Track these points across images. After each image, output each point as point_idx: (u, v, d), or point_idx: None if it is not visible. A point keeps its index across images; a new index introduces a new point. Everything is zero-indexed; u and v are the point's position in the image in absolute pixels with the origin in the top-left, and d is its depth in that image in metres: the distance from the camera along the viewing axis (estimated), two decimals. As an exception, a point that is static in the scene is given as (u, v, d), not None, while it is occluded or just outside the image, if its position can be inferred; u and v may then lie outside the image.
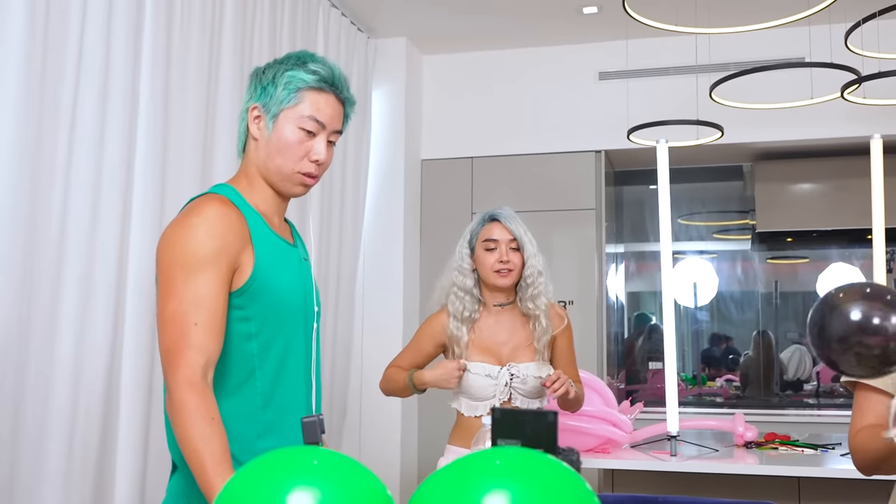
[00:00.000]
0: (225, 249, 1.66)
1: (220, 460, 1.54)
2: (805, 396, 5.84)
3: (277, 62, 1.82)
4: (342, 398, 4.59)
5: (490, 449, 1.11)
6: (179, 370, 1.58)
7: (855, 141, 4.72)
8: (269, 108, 1.78)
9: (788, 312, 6.19)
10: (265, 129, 1.79)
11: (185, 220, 1.69)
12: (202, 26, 3.40)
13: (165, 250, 1.68)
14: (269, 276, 1.73)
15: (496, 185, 5.18)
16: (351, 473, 1.08)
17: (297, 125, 1.78)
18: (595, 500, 1.04)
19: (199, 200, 1.74)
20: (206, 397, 1.57)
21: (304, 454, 1.10)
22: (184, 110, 3.29)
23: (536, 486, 1.01)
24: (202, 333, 1.60)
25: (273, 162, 1.79)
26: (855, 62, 3.64)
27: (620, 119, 4.69)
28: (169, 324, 1.61)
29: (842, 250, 5.89)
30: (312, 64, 1.79)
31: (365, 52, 4.87)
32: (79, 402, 2.73)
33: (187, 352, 1.58)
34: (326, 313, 4.39)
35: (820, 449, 3.37)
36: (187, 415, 1.55)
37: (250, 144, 1.82)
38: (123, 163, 2.93)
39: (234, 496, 1.04)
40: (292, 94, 1.77)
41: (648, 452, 3.30)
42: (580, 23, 4.81)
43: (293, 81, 1.77)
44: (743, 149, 5.19)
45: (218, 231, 1.66)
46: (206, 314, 1.62)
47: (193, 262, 1.63)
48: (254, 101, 1.80)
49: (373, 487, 1.07)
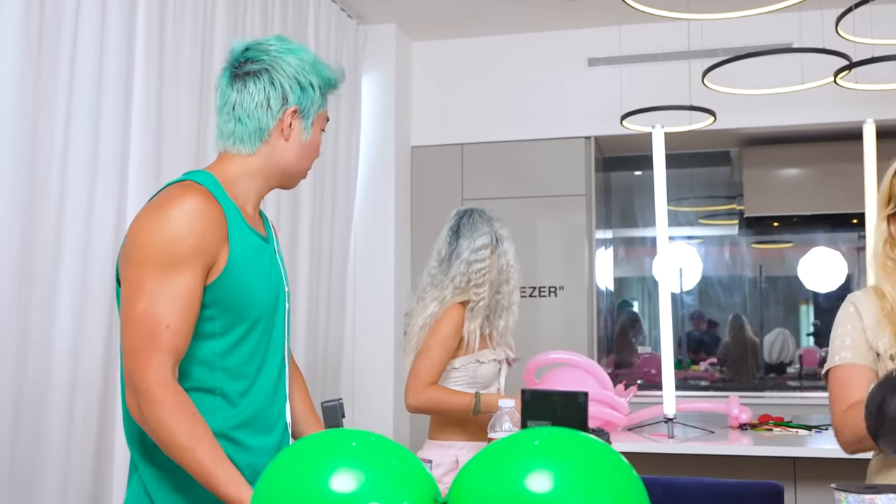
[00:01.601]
0: (203, 248, 1.58)
1: (214, 451, 1.50)
2: (788, 379, 5.91)
3: (293, 57, 1.73)
4: (334, 386, 4.59)
5: (526, 430, 1.12)
6: (149, 373, 1.50)
7: (843, 126, 4.76)
8: (307, 113, 1.74)
9: (774, 296, 6.25)
10: (301, 132, 1.74)
11: (164, 209, 1.58)
12: (195, 13, 3.39)
13: (140, 241, 1.58)
14: (240, 276, 1.66)
15: (486, 172, 5.19)
16: (391, 453, 1.08)
17: (320, 127, 1.78)
18: (634, 475, 1.05)
19: (178, 189, 1.64)
20: (180, 394, 1.52)
21: (343, 437, 1.11)
22: (177, 94, 3.29)
23: (579, 465, 1.02)
24: (173, 336, 1.53)
25: (301, 165, 1.77)
26: (846, 47, 3.67)
27: (611, 105, 4.71)
28: (137, 323, 1.53)
29: (826, 234, 5.95)
30: (332, 66, 1.78)
31: (355, 39, 4.85)
32: (76, 395, 2.73)
33: (157, 355, 1.51)
34: (318, 302, 4.40)
35: (814, 430, 3.41)
36: (167, 414, 1.49)
37: (276, 144, 1.73)
38: (118, 155, 2.93)
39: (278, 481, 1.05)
40: (324, 97, 1.76)
41: (645, 435, 3.33)
42: (570, 9, 4.81)
43: (325, 85, 1.75)
44: (731, 134, 5.22)
45: (199, 227, 1.57)
46: (181, 316, 1.54)
47: (171, 259, 1.54)
48: (293, 102, 1.72)
49: (414, 468, 1.08)
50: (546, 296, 5.08)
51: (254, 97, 1.70)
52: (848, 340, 1.90)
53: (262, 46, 1.73)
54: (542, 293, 5.08)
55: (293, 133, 1.73)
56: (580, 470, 1.02)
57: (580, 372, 3.33)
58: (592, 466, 1.03)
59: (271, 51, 1.72)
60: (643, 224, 6.21)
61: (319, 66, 1.75)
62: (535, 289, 5.07)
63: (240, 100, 1.71)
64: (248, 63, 1.72)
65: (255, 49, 1.73)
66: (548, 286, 5.08)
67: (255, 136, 1.71)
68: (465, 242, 2.75)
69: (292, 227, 4.14)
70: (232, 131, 1.72)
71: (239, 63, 1.73)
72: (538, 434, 1.06)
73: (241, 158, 1.73)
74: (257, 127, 1.71)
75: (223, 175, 1.71)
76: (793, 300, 6.30)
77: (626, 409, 3.37)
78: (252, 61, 1.71)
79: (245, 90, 1.70)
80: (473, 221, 2.79)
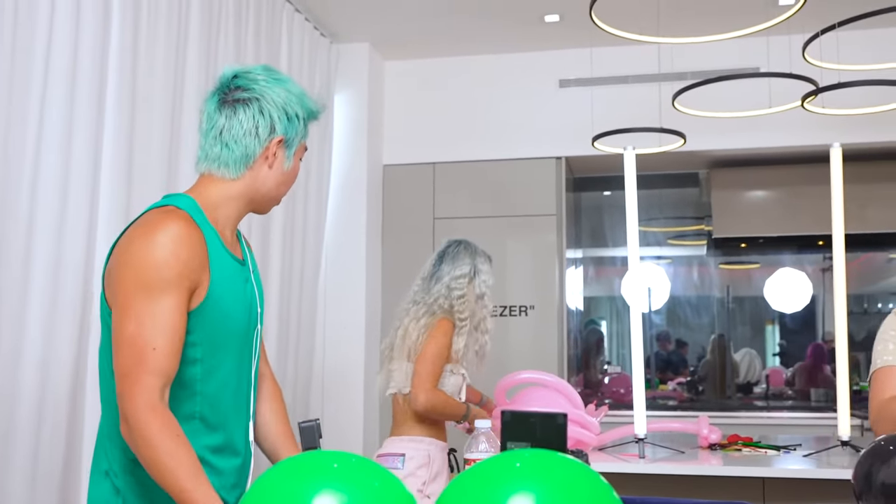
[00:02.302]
0: (187, 273, 1.62)
1: (194, 473, 1.52)
2: (755, 399, 5.96)
3: (281, 88, 1.78)
4: (304, 402, 4.56)
5: (507, 452, 1.12)
6: (137, 396, 1.54)
7: (809, 149, 4.84)
8: (291, 143, 1.80)
9: (741, 317, 6.31)
10: (284, 160, 1.80)
11: (149, 235, 1.62)
12: (168, 31, 3.39)
13: (126, 265, 1.62)
14: (219, 302, 1.70)
15: (458, 191, 5.21)
16: (372, 475, 1.08)
17: (299, 156, 1.84)
18: (614, 496, 1.06)
19: (161, 214, 1.67)
20: (167, 417, 1.55)
21: (324, 459, 1.10)
22: (150, 113, 3.29)
23: (561, 487, 1.02)
24: (161, 357, 1.57)
25: (279, 191, 1.83)
26: (813, 72, 3.74)
27: (582, 126, 4.75)
28: (126, 346, 1.57)
29: (792, 256, 6.03)
30: (315, 99, 1.84)
31: (328, 57, 4.86)
32: (45, 409, 2.70)
33: (145, 377, 1.55)
34: (289, 318, 4.38)
35: (782, 450, 3.44)
36: (151, 437, 1.52)
37: (259, 170, 1.78)
38: (90, 168, 2.92)
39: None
40: (306, 129, 1.82)
41: (616, 455, 3.34)
42: (542, 31, 4.85)
43: (308, 117, 1.82)
44: (701, 156, 5.29)
45: (183, 253, 1.62)
46: (167, 338, 1.58)
47: (157, 283, 1.58)
48: (280, 131, 1.77)
49: (395, 489, 1.08)
50: (516, 315, 5.09)
51: (243, 124, 1.74)
52: (891, 346, 2.01)
53: (252, 75, 1.78)
54: (513, 312, 5.09)
55: (276, 161, 1.78)
56: (562, 491, 1.02)
57: (551, 391, 3.33)
58: (574, 488, 1.04)
59: (260, 80, 1.77)
60: (613, 244, 6.26)
61: (305, 99, 1.81)
62: (505, 308, 5.08)
63: (228, 125, 1.75)
64: (237, 90, 1.76)
65: (244, 77, 1.78)
66: (518, 305, 5.10)
67: (240, 161, 1.76)
68: (446, 268, 3.07)
69: (263, 244, 4.12)
70: (218, 155, 1.76)
71: (228, 90, 1.77)
72: (519, 456, 1.06)
73: (224, 182, 1.77)
74: (244, 153, 1.75)
75: (204, 199, 1.75)
76: (759, 320, 6.37)
77: (598, 428, 3.38)
78: (242, 89, 1.76)
79: (234, 116, 1.75)
80: (458, 252, 3.11)
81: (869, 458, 1.49)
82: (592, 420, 3.36)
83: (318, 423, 1.50)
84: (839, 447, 3.37)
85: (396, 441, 2.99)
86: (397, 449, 2.94)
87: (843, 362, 3.49)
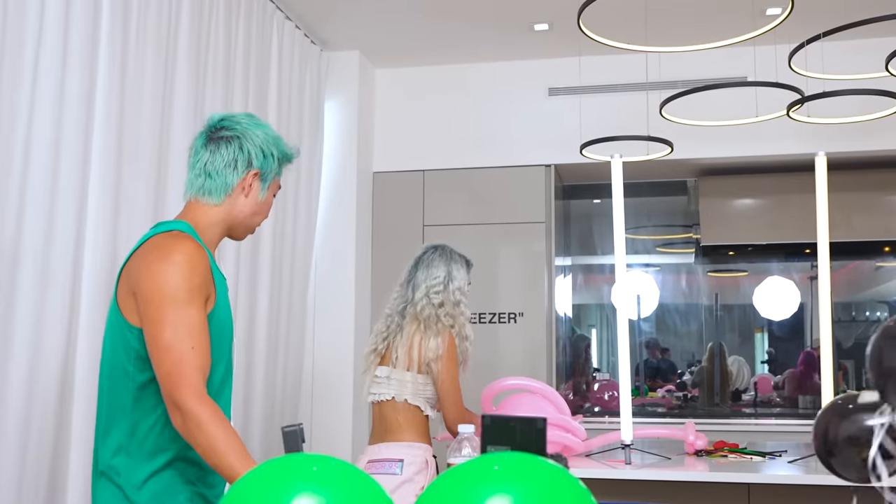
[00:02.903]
0: (203, 284, 1.87)
1: (244, 455, 1.72)
2: (743, 406, 5.98)
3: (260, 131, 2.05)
4: (293, 410, 4.57)
5: (486, 455, 1.13)
6: (186, 389, 1.75)
7: (796, 158, 4.87)
8: (266, 177, 2.05)
9: (729, 324, 6.34)
10: (258, 192, 2.05)
11: (168, 256, 1.86)
12: (157, 38, 3.39)
13: (152, 284, 1.84)
14: (221, 313, 1.95)
15: (447, 198, 5.23)
16: (351, 478, 1.09)
17: (273, 192, 2.10)
18: (591, 500, 1.07)
19: (171, 238, 1.91)
20: (214, 405, 1.77)
21: (304, 462, 1.11)
22: (139, 119, 3.28)
23: (538, 489, 1.03)
24: (199, 355, 1.80)
25: (252, 220, 2.08)
26: (799, 82, 3.77)
27: (571, 134, 4.78)
28: (166, 350, 1.78)
29: (780, 264, 6.06)
30: (291, 145, 2.12)
31: (318, 65, 4.88)
32: (32, 409, 2.70)
33: (190, 372, 1.76)
34: (279, 325, 4.38)
35: (768, 456, 3.46)
36: (205, 424, 1.73)
37: (237, 198, 2.04)
38: (78, 177, 2.92)
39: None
40: (280, 168, 2.09)
41: (603, 461, 3.35)
42: (532, 39, 4.88)
43: (283, 158, 2.08)
44: (688, 164, 5.31)
45: (199, 267, 1.87)
46: (200, 339, 1.81)
47: (182, 294, 1.82)
48: (256, 166, 2.03)
49: (374, 493, 1.09)
50: (505, 322, 5.11)
51: (224, 157, 2.01)
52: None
53: (236, 119, 2.06)
54: (502, 319, 5.11)
55: (252, 191, 2.04)
56: (539, 494, 1.03)
57: (538, 398, 3.35)
58: (551, 491, 1.05)
59: (243, 122, 2.05)
60: (602, 252, 6.28)
61: (280, 143, 2.08)
62: (494, 315, 5.10)
63: (211, 159, 2.02)
64: (222, 130, 2.03)
65: (229, 120, 2.05)
66: (507, 312, 5.11)
67: (221, 189, 2.01)
68: (421, 276, 3.10)
69: (253, 251, 4.13)
70: (202, 185, 2.02)
71: (214, 130, 2.04)
72: (498, 459, 1.08)
73: (208, 208, 2.02)
74: (224, 182, 2.01)
75: (194, 223, 2.00)
76: (748, 328, 6.39)
77: (584, 434, 3.39)
78: (226, 129, 2.03)
79: (217, 151, 2.02)
80: (433, 258, 3.13)
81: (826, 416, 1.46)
82: (578, 426, 3.37)
83: (301, 427, 1.51)
84: (824, 454, 3.39)
85: (393, 447, 3.00)
86: (394, 454, 2.95)
87: (828, 370, 3.51)
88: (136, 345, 1.86)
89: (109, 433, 1.88)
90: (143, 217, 3.23)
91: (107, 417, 1.90)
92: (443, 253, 3.16)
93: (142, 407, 1.87)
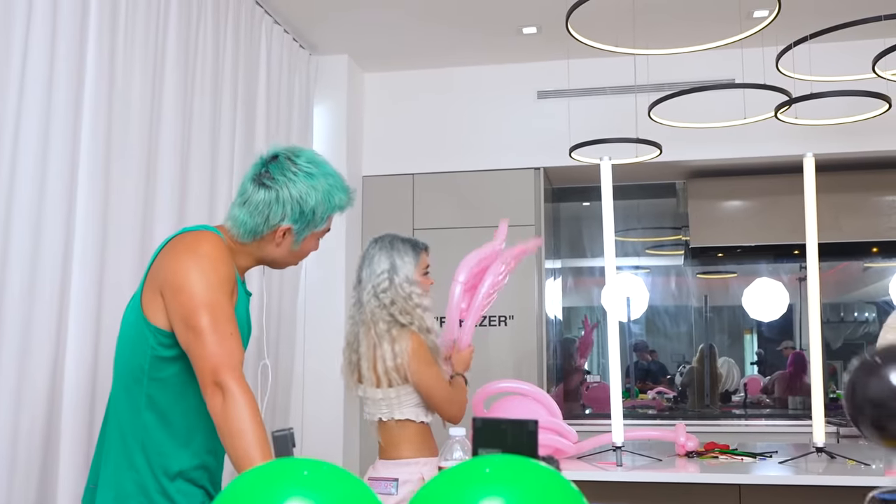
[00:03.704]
0: (229, 277, 1.88)
1: (268, 453, 1.72)
2: (733, 407, 6.00)
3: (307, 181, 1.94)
4: (284, 414, 4.56)
5: (477, 458, 1.13)
6: (231, 370, 1.76)
7: (783, 159, 4.89)
8: (300, 232, 1.98)
9: (719, 325, 6.36)
10: (291, 243, 2.00)
11: (196, 248, 1.88)
12: (145, 43, 3.38)
13: (182, 273, 1.84)
14: (239, 315, 1.92)
15: (437, 202, 5.22)
16: (342, 483, 1.09)
17: (318, 237, 2.04)
18: (584, 502, 1.07)
19: (199, 234, 1.94)
20: (252, 393, 1.79)
21: (294, 465, 1.11)
22: (127, 129, 3.26)
23: (530, 492, 1.03)
24: (237, 340, 1.82)
25: (286, 261, 2.05)
26: (787, 83, 3.79)
27: (560, 137, 4.79)
28: (208, 333, 1.78)
29: (769, 265, 6.08)
30: (345, 194, 2.01)
31: (307, 69, 4.87)
32: (21, 416, 2.68)
33: (233, 354, 1.79)
34: (269, 328, 4.37)
35: (758, 457, 3.47)
36: (247, 408, 1.74)
37: (268, 245, 1.99)
38: (65, 185, 2.89)
39: (229, 508, 1.04)
40: (325, 221, 2.01)
41: (594, 463, 3.35)
42: (520, 42, 4.89)
43: (329, 211, 1.99)
44: (677, 167, 5.33)
45: (226, 258, 1.90)
46: (235, 326, 1.83)
47: (214, 282, 1.83)
48: (289, 222, 1.95)
49: (366, 498, 1.08)
50: (496, 325, 5.11)
51: (258, 206, 1.94)
52: None
53: (286, 165, 1.96)
54: (492, 322, 5.11)
55: (284, 243, 1.99)
56: (531, 497, 1.03)
57: (529, 400, 3.35)
58: (543, 493, 1.05)
59: (289, 173, 1.94)
60: (591, 254, 6.29)
61: (330, 195, 1.96)
62: (484, 318, 5.09)
63: (252, 199, 1.95)
64: (268, 174, 1.96)
65: (281, 163, 1.96)
66: (497, 315, 5.11)
67: (250, 233, 1.97)
68: (365, 274, 2.88)
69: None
70: (236, 217, 1.98)
71: (264, 170, 1.97)
72: (489, 462, 1.07)
73: (243, 243, 2.00)
74: (254, 228, 1.96)
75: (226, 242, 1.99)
76: (737, 329, 6.42)
77: (575, 436, 3.39)
78: (270, 175, 1.95)
79: (257, 194, 1.95)
80: (374, 253, 2.88)
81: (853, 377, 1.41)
82: (570, 428, 3.38)
83: (291, 432, 1.50)
84: (814, 454, 3.40)
85: (390, 465, 2.80)
86: (391, 473, 2.77)
87: (818, 370, 3.52)
88: (154, 343, 1.87)
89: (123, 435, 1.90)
90: (132, 225, 3.22)
91: (118, 419, 1.91)
92: (383, 244, 2.89)
93: (154, 408, 1.88)
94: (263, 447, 1.72)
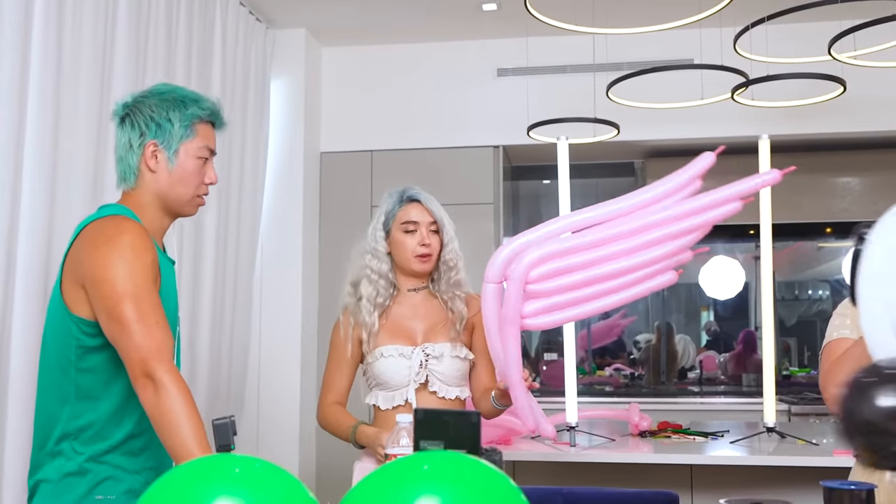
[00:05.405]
0: (153, 262, 1.84)
1: (205, 443, 1.68)
2: (689, 384, 6.06)
3: (156, 98, 1.95)
4: (239, 394, 4.52)
5: (418, 454, 1.11)
6: (161, 362, 1.72)
7: (740, 140, 4.90)
8: (169, 145, 1.94)
9: (675, 303, 6.41)
10: (166, 162, 1.95)
11: (115, 239, 1.81)
12: (95, 15, 3.28)
13: (103, 267, 1.78)
14: (166, 294, 1.89)
15: (395, 179, 5.12)
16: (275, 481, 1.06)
17: (195, 156, 1.97)
18: (523, 499, 1.06)
19: (117, 221, 1.86)
20: (185, 383, 1.75)
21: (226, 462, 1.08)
22: (76, 103, 3.17)
23: (467, 490, 1.02)
24: (165, 330, 1.77)
25: (175, 191, 1.97)
26: (743, 65, 3.79)
27: (519, 115, 4.76)
28: (133, 324, 1.74)
29: (725, 244, 6.13)
30: (201, 101, 2.00)
31: (263, 43, 4.79)
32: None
33: (161, 344, 1.74)
34: (224, 308, 4.32)
35: (710, 437, 3.51)
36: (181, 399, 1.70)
37: (146, 176, 1.95)
38: (11, 160, 2.80)
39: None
40: (189, 129, 1.96)
41: (547, 443, 3.36)
42: (480, 19, 4.84)
43: (188, 117, 1.96)
44: (635, 146, 5.34)
45: (148, 244, 1.84)
46: (161, 316, 1.78)
47: (137, 271, 1.78)
48: (150, 137, 1.93)
49: (299, 496, 1.06)
50: (454, 303, 5.08)
51: (121, 140, 1.96)
52: (848, 321, 2.03)
53: (138, 97, 1.98)
54: (450, 301, 5.08)
55: (158, 164, 1.95)
56: (468, 495, 1.02)
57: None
58: (481, 490, 1.03)
59: (138, 97, 1.98)
60: (550, 232, 6.28)
61: (182, 104, 1.96)
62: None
63: (117, 144, 1.97)
64: (123, 109, 1.98)
65: (132, 97, 1.99)
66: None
67: (129, 173, 1.96)
68: None
69: (197, 232, 4.05)
70: (116, 169, 1.98)
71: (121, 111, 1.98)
72: (428, 458, 1.06)
73: (131, 194, 1.97)
74: (128, 165, 1.95)
75: (132, 207, 1.94)
76: (694, 307, 6.47)
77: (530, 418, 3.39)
78: (125, 107, 1.97)
79: (118, 135, 1.97)
80: None
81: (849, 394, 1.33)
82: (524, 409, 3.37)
83: (232, 419, 1.48)
84: (765, 433, 3.45)
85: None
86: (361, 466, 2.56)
87: (770, 351, 3.56)
88: (78, 334, 1.83)
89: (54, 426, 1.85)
90: (80, 200, 3.14)
91: (48, 411, 1.87)
92: None
93: (84, 397, 1.84)
94: (201, 438, 1.67)
